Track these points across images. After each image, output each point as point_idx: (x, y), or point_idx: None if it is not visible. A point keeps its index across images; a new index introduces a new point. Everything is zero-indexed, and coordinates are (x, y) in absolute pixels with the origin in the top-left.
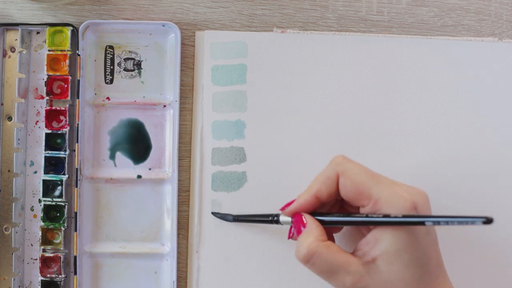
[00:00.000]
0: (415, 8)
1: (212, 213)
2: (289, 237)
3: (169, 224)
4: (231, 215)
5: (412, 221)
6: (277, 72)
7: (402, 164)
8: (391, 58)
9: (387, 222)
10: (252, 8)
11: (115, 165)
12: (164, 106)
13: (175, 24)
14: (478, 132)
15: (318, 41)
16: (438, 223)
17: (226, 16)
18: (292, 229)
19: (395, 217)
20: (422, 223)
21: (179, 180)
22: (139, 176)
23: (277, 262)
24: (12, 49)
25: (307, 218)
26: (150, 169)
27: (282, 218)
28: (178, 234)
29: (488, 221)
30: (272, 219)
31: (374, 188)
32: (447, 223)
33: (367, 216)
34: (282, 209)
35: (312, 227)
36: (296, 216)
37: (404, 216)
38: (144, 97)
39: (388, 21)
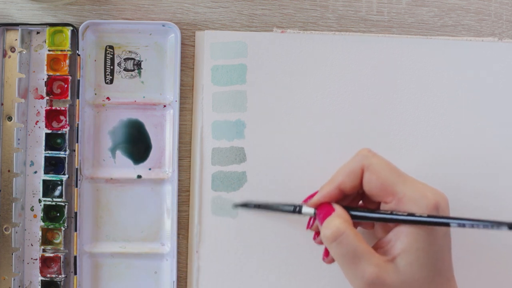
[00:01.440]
0: (415, 8)
1: (234, 205)
2: (308, 227)
3: (169, 224)
4: (252, 203)
5: (438, 222)
6: (277, 72)
7: (402, 164)
8: (391, 58)
9: (413, 221)
10: (252, 8)
11: (115, 165)
12: (164, 106)
13: (175, 24)
14: (478, 132)
15: (318, 41)
16: (464, 225)
17: (226, 16)
18: (311, 219)
19: (421, 216)
20: (447, 224)
21: (179, 180)
22: (139, 176)
23: (277, 262)
24: (12, 49)
25: (335, 206)
26: (150, 169)
27: (305, 209)
28: (178, 234)
29: None
30: (295, 209)
31: (399, 185)
32: (472, 226)
33: (392, 213)
34: (305, 201)
35: (340, 212)
36: (322, 206)
37: (430, 216)
38: (144, 97)
39: (388, 21)
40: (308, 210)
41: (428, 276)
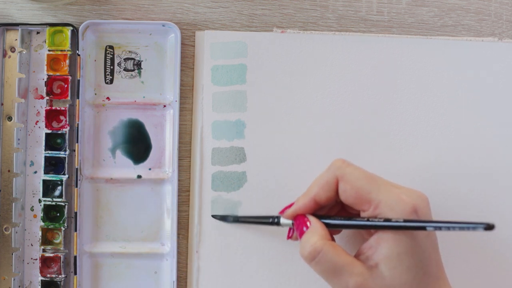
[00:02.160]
0: (415, 8)
1: (212, 216)
2: (288, 237)
3: (169, 224)
4: (231, 216)
5: (414, 226)
6: (277, 72)
7: (402, 164)
8: (391, 58)
9: (389, 226)
10: (252, 8)
11: (115, 165)
12: (164, 106)
13: (175, 24)
14: (478, 132)
15: (318, 41)
16: (440, 228)
17: (226, 16)
18: (291, 230)
19: (396, 221)
20: (423, 228)
21: (179, 180)
22: (139, 176)
23: (277, 262)
24: (12, 49)
25: (311, 219)
26: (150, 169)
27: (283, 220)
28: (178, 234)
29: (489, 227)
30: (273, 221)
31: (374, 193)
32: (448, 228)
33: (368, 220)
34: (281, 212)
35: (316, 227)
36: (299, 218)
37: (405, 221)
38: (144, 97)
39: (388, 21)
40: (285, 221)
41: (415, 277)
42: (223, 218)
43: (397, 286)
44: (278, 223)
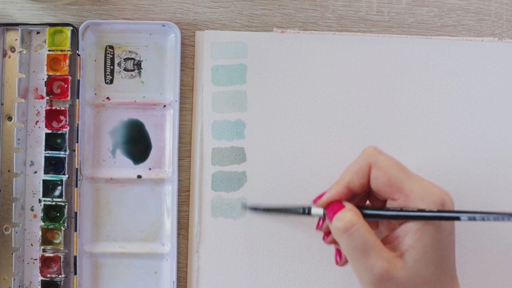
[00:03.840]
0: (415, 8)
1: (243, 207)
2: (318, 228)
3: (169, 224)
4: (262, 207)
5: (448, 216)
6: (277, 72)
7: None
8: (391, 58)
9: (423, 217)
10: (252, 8)
11: (115, 165)
12: (164, 106)
13: (175, 24)
14: (478, 132)
15: (318, 41)
16: (474, 218)
17: (226, 16)
18: (321, 220)
19: (430, 211)
20: (457, 218)
21: (179, 180)
22: (139, 176)
23: (277, 263)
24: (12, 49)
25: (345, 202)
26: (150, 169)
27: (314, 210)
28: (178, 234)
29: None
30: (304, 211)
31: (406, 182)
32: (483, 218)
33: (402, 210)
34: (315, 201)
35: (352, 207)
36: (332, 204)
37: (439, 211)
38: (144, 97)
39: (388, 21)
40: (317, 210)
41: (434, 273)
42: (255, 209)
43: (416, 278)
44: (309, 213)
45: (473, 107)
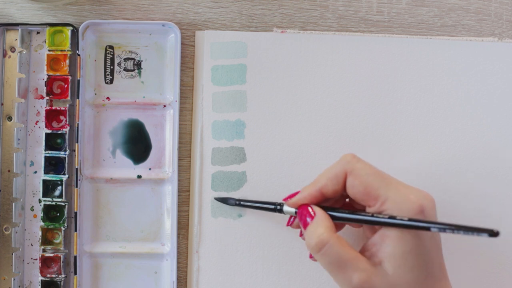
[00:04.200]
0: (415, 8)
1: (215, 198)
2: (288, 224)
3: (169, 224)
4: (233, 199)
5: (418, 226)
6: (277, 72)
7: (402, 163)
8: (391, 58)
9: (394, 224)
10: (252, 8)
11: (115, 165)
12: (164, 106)
13: (175, 24)
14: (478, 132)
15: (318, 41)
16: (444, 230)
17: (226, 16)
18: (292, 217)
19: (401, 219)
20: (428, 229)
21: (179, 180)
22: (139, 176)
23: (277, 263)
24: (12, 49)
25: (316, 210)
26: (150, 169)
27: (286, 208)
28: (178, 234)
29: (493, 234)
30: (275, 208)
31: (382, 189)
32: (452, 231)
33: (373, 215)
34: (286, 199)
35: (322, 218)
36: (303, 207)
37: (410, 220)
38: (144, 97)
39: (388, 21)
40: (288, 209)
41: (418, 277)
42: (225, 201)
43: (400, 285)
44: (280, 210)
45: (473, 107)
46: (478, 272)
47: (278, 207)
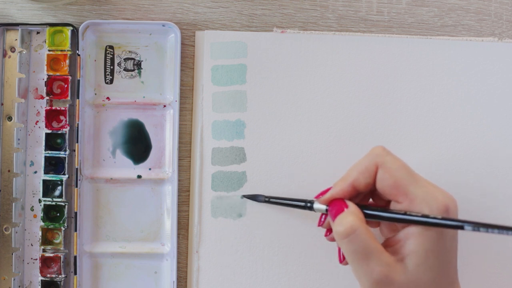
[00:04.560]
0: (415, 8)
1: (243, 196)
2: (319, 225)
3: (169, 224)
4: (262, 196)
5: (452, 224)
6: (277, 72)
7: None
8: (391, 58)
9: (427, 222)
10: (252, 8)
11: (115, 165)
12: (164, 106)
13: (175, 24)
14: (478, 132)
15: (318, 41)
16: (478, 229)
17: (226, 16)
18: (323, 216)
19: (435, 217)
20: (461, 227)
21: (179, 180)
22: (139, 176)
23: (277, 263)
24: (12, 49)
25: (348, 203)
26: (150, 169)
27: (316, 205)
28: (178, 234)
29: None
30: (306, 205)
31: (411, 186)
32: (486, 230)
33: (405, 213)
34: (317, 197)
35: (354, 209)
36: (335, 202)
37: (443, 218)
38: (144, 97)
39: (388, 21)
40: (319, 206)
41: (434, 278)
42: (254, 197)
43: (416, 282)
44: (311, 208)
45: (473, 107)
46: (479, 273)
47: (309, 204)
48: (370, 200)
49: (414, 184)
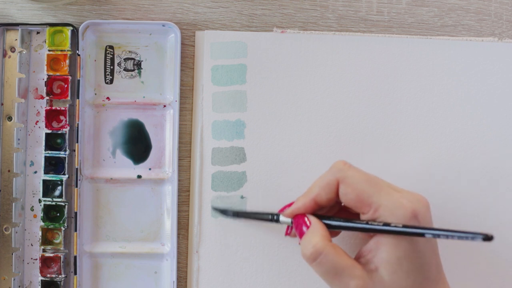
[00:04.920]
0: (415, 8)
1: (213, 207)
2: (286, 234)
3: (169, 224)
4: (231, 210)
5: (412, 232)
6: (277, 72)
7: (402, 164)
8: (391, 58)
9: (388, 231)
10: (252, 8)
11: (115, 165)
12: (164, 106)
13: (175, 24)
14: (478, 133)
15: (318, 41)
16: (438, 236)
17: (226, 16)
18: (289, 227)
19: (395, 226)
20: (422, 235)
21: (179, 180)
22: (139, 176)
23: (277, 263)
24: (12, 49)
25: (311, 219)
26: (150, 169)
27: (282, 218)
28: (178, 234)
29: (487, 238)
30: (272, 218)
31: (374, 196)
32: (446, 237)
33: (367, 223)
34: (281, 211)
35: (317, 227)
36: (298, 217)
37: (404, 226)
38: (144, 97)
39: (388, 21)
40: (285, 219)
41: (415, 282)
42: (223, 212)
43: None
44: (277, 221)
45: (473, 107)
46: (476, 274)
47: (275, 217)
48: (343, 205)
49: (377, 194)
